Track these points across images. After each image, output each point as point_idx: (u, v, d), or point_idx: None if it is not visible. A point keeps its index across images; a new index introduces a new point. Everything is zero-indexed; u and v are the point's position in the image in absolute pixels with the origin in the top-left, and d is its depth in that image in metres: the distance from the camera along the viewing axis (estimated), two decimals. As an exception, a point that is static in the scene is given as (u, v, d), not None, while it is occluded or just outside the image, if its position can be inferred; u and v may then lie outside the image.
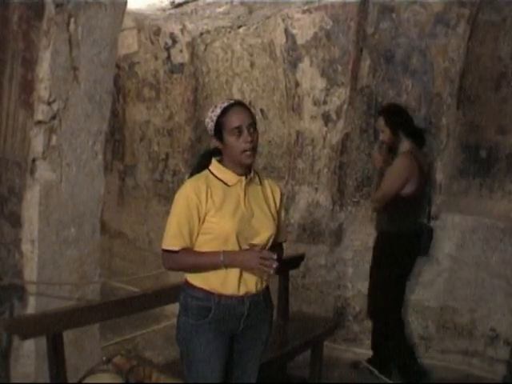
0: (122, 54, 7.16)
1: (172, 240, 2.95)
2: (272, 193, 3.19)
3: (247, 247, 2.94)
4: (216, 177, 3.02)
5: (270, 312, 3.24)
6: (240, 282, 2.97)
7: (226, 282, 2.95)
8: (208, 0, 5.62)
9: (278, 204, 3.20)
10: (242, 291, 2.99)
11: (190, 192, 2.93)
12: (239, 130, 2.94)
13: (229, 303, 2.97)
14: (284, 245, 3.37)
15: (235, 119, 2.96)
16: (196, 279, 2.99)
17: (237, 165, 3.01)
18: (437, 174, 5.68)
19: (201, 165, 3.11)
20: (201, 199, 2.91)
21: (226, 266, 2.91)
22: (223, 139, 2.99)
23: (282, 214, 3.26)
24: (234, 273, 2.95)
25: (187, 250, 2.96)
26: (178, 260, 2.98)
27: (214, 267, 2.93)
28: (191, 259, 2.98)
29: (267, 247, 3.02)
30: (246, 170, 3.05)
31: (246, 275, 2.98)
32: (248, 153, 2.96)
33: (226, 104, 3.02)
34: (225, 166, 3.04)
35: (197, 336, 2.99)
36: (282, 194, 3.27)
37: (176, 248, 2.94)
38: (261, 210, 3.07)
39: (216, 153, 3.10)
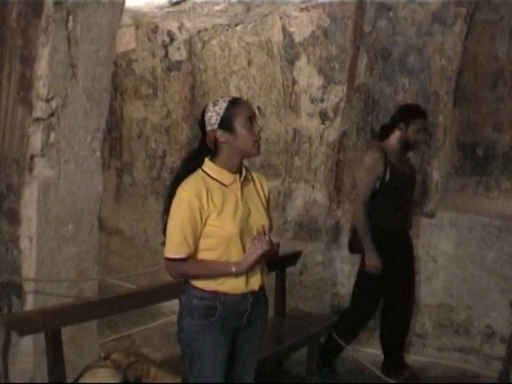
0: (120, 51, 7.16)
1: (177, 248, 2.91)
2: (261, 185, 3.20)
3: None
4: (212, 177, 2.99)
5: (267, 306, 3.26)
6: (244, 281, 2.98)
7: (231, 282, 2.95)
8: (206, -2, 5.64)
9: (266, 196, 3.22)
10: (247, 289, 3.00)
11: (191, 196, 2.88)
12: (251, 120, 2.97)
13: (234, 301, 2.98)
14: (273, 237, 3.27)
15: (248, 110, 3.00)
16: (200, 281, 2.98)
17: (238, 158, 3.01)
18: (433, 171, 5.70)
19: (194, 165, 3.05)
20: (202, 203, 2.88)
21: (237, 276, 2.94)
22: (234, 131, 2.95)
23: (270, 206, 3.27)
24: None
25: (195, 260, 2.95)
26: (186, 270, 2.97)
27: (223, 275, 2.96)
28: (200, 272, 2.97)
29: None
30: (239, 168, 3.04)
31: (249, 273, 2.99)
32: (257, 144, 2.99)
33: (230, 98, 3.02)
34: (219, 166, 3.01)
35: (203, 336, 2.98)
36: (268, 188, 3.27)
37: (182, 256, 2.91)
38: (256, 207, 3.07)
39: (204, 152, 3.07)
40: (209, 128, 3.00)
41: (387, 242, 4.91)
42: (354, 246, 5.08)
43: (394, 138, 4.97)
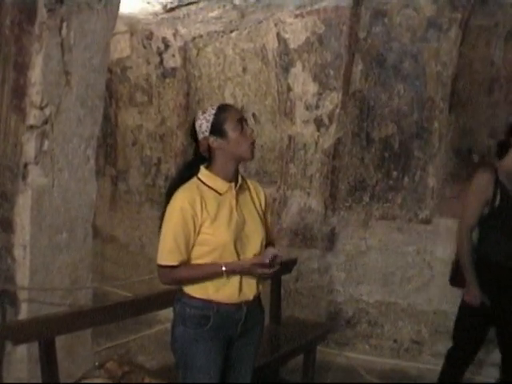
0: (115, 58, 7.16)
1: (169, 255, 2.89)
2: (257, 195, 3.18)
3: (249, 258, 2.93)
4: (207, 185, 2.97)
5: (263, 315, 3.24)
6: (238, 290, 2.96)
7: (224, 291, 2.93)
8: (200, 4, 5.62)
9: (263, 206, 3.19)
10: (240, 298, 2.98)
11: (184, 203, 2.86)
12: (242, 123, 2.95)
13: (227, 310, 2.96)
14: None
15: (236, 113, 2.99)
16: (194, 289, 2.96)
17: (233, 165, 2.99)
18: (429, 178, 5.69)
19: (188, 175, 3.04)
20: (196, 210, 2.86)
21: (228, 276, 2.91)
22: (225, 135, 2.94)
23: (268, 214, 3.26)
24: (232, 282, 2.93)
25: (185, 265, 2.93)
26: (177, 275, 2.94)
27: (215, 278, 2.92)
28: (191, 274, 2.95)
29: (261, 251, 3.01)
30: (235, 176, 3.02)
31: (244, 283, 2.97)
32: (252, 146, 2.97)
33: (218, 104, 3.03)
34: (214, 174, 2.99)
35: (196, 345, 2.96)
36: (265, 196, 3.24)
37: (174, 263, 2.89)
38: (251, 216, 3.05)
39: (200, 161, 3.06)
40: (201, 136, 2.99)
41: (495, 275, 4.22)
42: (457, 279, 4.40)
43: (511, 157, 4.13)
